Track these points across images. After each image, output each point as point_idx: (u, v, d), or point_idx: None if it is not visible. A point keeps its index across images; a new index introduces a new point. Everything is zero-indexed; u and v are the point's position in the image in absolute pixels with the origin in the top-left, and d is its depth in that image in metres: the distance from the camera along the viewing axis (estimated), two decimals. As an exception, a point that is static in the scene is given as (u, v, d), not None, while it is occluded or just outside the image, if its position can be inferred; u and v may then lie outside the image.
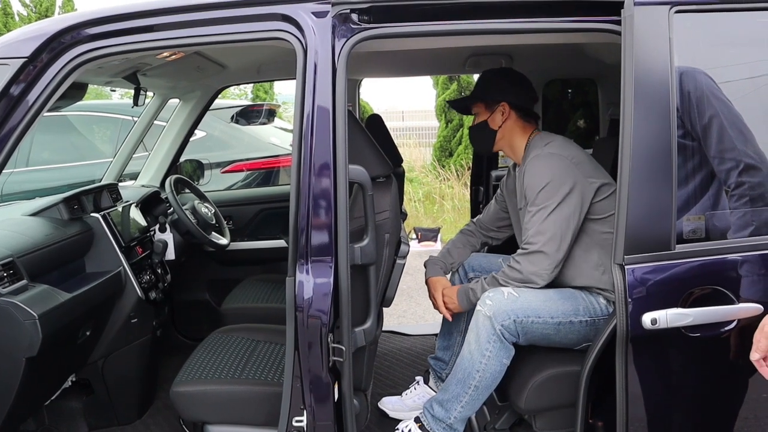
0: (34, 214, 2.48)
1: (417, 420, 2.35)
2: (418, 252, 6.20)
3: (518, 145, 2.43)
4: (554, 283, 2.28)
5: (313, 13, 1.78)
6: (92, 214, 2.60)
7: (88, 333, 2.43)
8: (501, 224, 2.74)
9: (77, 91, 2.33)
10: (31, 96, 1.79)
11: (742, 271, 1.72)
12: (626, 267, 1.71)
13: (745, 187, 1.75)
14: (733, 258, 1.72)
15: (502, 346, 2.17)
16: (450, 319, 2.54)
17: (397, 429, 2.40)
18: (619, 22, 1.73)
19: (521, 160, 2.42)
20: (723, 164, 1.76)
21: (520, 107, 2.42)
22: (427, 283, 2.63)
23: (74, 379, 2.66)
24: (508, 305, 2.15)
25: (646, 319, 1.68)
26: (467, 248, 2.76)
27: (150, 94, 3.21)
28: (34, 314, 1.96)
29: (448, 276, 2.69)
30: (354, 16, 1.78)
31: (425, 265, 2.69)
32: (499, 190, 2.74)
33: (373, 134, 2.12)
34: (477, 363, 2.18)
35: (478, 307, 2.20)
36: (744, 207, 1.75)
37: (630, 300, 1.71)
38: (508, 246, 2.63)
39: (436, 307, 2.55)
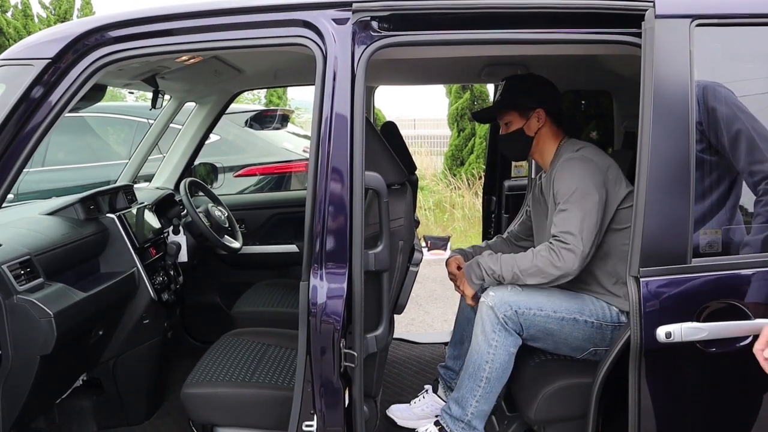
0: (51, 214, 2.51)
1: (437, 423, 2.36)
2: (427, 260, 6.19)
3: (549, 152, 2.43)
4: (565, 287, 2.27)
5: (333, 19, 1.79)
6: (108, 215, 2.62)
7: (100, 332, 2.45)
8: (531, 233, 2.71)
9: (97, 92, 2.35)
10: (54, 96, 1.81)
11: (758, 286, 1.71)
12: (641, 279, 1.70)
13: None
14: (750, 273, 1.71)
15: (508, 334, 2.18)
16: (473, 304, 2.43)
17: None
18: (639, 35, 1.73)
19: (548, 166, 2.43)
20: (753, 176, 1.74)
21: (554, 112, 2.42)
22: (447, 263, 2.60)
23: (85, 379, 2.68)
24: (510, 297, 2.18)
25: (661, 332, 1.67)
26: (486, 247, 2.75)
27: (167, 97, 3.24)
28: (50, 312, 1.98)
29: None
30: (374, 24, 1.79)
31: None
32: (527, 202, 2.73)
33: (388, 141, 2.13)
34: (485, 354, 2.20)
35: (482, 299, 2.23)
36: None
37: (644, 313, 1.70)
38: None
39: (457, 288, 2.50)
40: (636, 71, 1.74)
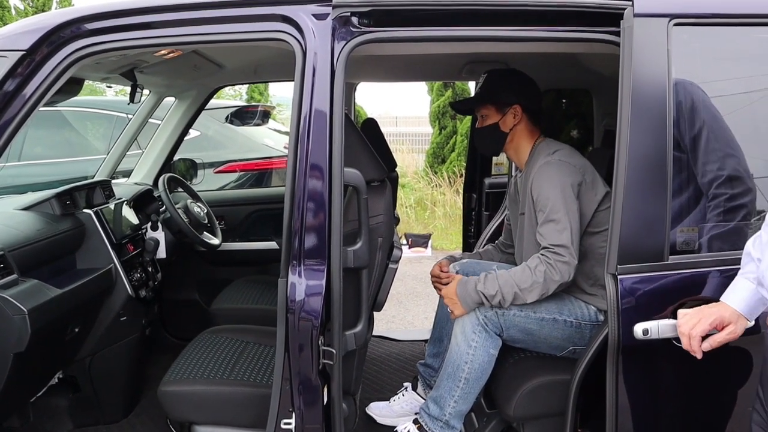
0: (25, 209, 2.46)
1: (415, 422, 2.36)
2: (408, 258, 6.17)
3: (524, 150, 2.41)
4: None
5: (313, 15, 1.78)
6: (84, 210, 2.58)
7: (76, 330, 2.41)
8: None
9: (74, 86, 2.32)
10: (28, 89, 1.78)
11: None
12: (619, 277, 1.72)
13: (721, 199, 1.76)
14: (726, 270, 1.73)
15: (488, 336, 2.18)
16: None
17: (396, 431, 2.42)
18: (618, 33, 1.74)
19: (524, 165, 2.42)
20: (705, 176, 1.77)
21: (531, 110, 2.40)
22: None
23: (61, 376, 2.64)
24: None
25: (638, 329, 1.68)
26: (476, 254, 2.76)
27: (146, 91, 3.20)
28: (24, 309, 1.94)
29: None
30: (354, 19, 1.79)
31: None
32: (504, 204, 2.73)
33: (368, 138, 2.12)
34: (464, 354, 2.19)
35: None
36: (717, 219, 1.77)
37: (622, 310, 1.71)
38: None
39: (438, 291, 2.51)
40: (615, 70, 1.75)
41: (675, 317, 1.60)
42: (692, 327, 1.51)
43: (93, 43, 1.80)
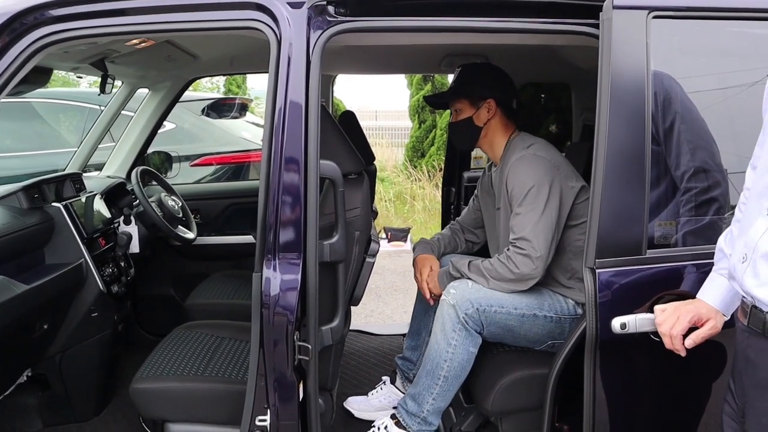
0: (-9, 202, 2.39)
1: (393, 417, 2.34)
2: (387, 252, 6.18)
3: (499, 144, 2.41)
4: None
5: (288, 3, 1.75)
6: (53, 204, 2.51)
7: (45, 326, 2.36)
8: (479, 225, 2.71)
9: (41, 75, 2.25)
10: (-11, 79, 1.72)
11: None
12: (597, 271, 1.71)
13: (693, 192, 1.76)
14: (703, 264, 1.72)
15: (468, 334, 2.17)
16: (431, 302, 2.47)
17: (373, 426, 2.39)
18: (597, 25, 1.73)
19: (499, 160, 2.41)
20: (678, 169, 1.77)
21: (505, 105, 2.40)
22: (415, 261, 2.59)
23: (30, 374, 2.58)
24: (471, 294, 2.16)
25: (616, 323, 1.67)
26: (453, 242, 2.75)
27: (118, 82, 3.13)
28: None
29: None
30: (330, 9, 1.75)
31: (414, 247, 2.67)
32: (476, 191, 2.73)
33: (346, 131, 2.09)
34: (444, 353, 2.18)
35: (443, 297, 2.21)
36: (690, 213, 1.77)
37: (599, 304, 1.70)
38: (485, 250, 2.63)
39: (420, 286, 2.53)
40: (594, 63, 1.74)
41: (653, 311, 1.60)
42: (671, 326, 1.51)
43: (58, 30, 1.74)
